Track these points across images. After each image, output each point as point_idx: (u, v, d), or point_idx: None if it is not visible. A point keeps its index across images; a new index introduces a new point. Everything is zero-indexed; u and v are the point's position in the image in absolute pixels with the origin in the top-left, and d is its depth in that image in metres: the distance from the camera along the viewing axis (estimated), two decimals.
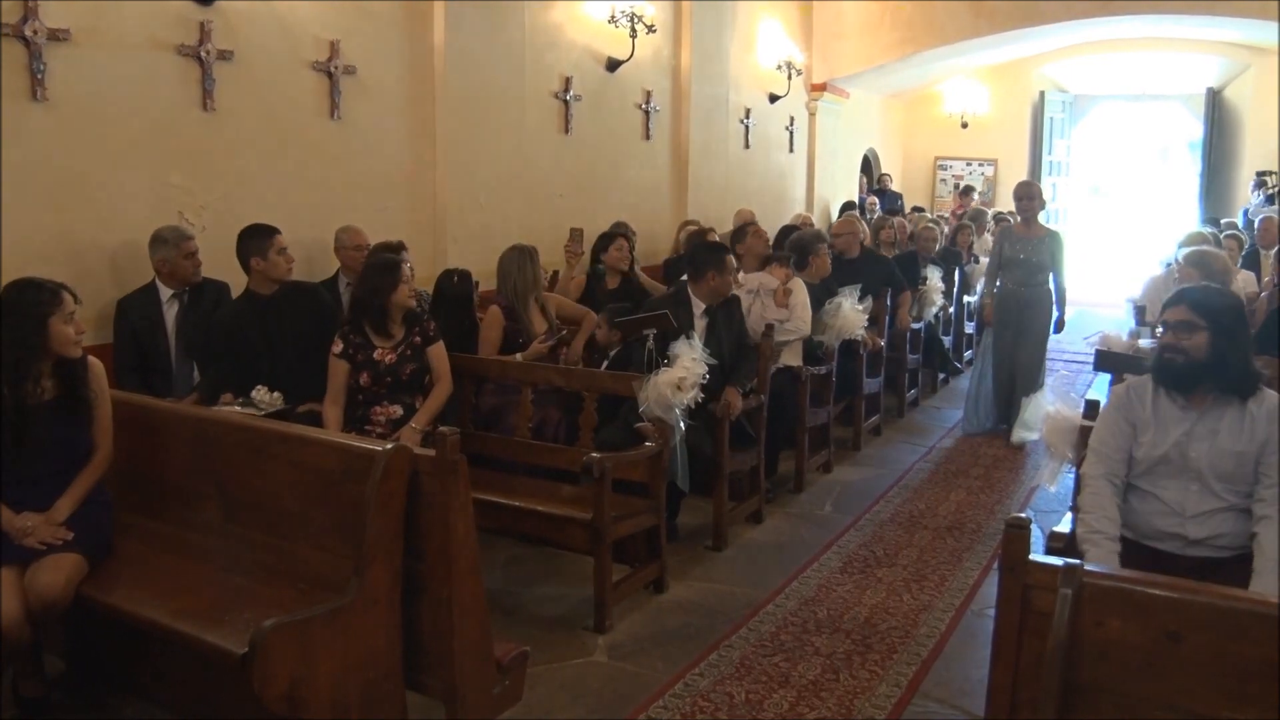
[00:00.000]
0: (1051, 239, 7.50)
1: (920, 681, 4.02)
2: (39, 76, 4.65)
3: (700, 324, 5.47)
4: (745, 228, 7.03)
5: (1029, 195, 7.47)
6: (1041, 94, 16.80)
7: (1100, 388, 7.56)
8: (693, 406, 4.79)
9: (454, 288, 5.80)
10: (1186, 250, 5.87)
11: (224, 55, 5.42)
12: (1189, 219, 16.33)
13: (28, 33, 4.59)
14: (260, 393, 4.63)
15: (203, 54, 5.33)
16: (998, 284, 7.65)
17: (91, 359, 3.71)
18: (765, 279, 6.45)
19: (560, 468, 4.98)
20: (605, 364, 5.74)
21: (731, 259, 5.66)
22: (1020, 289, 7.49)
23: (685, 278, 5.75)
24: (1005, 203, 16.16)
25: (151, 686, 3.63)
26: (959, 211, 14.08)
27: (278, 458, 3.55)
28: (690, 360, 4.76)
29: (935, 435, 7.96)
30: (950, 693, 3.95)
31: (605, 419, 5.08)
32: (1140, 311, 6.61)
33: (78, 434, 3.64)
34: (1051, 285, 7.51)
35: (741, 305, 5.87)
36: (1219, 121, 15.84)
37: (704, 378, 4.76)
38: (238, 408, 4.53)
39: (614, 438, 4.94)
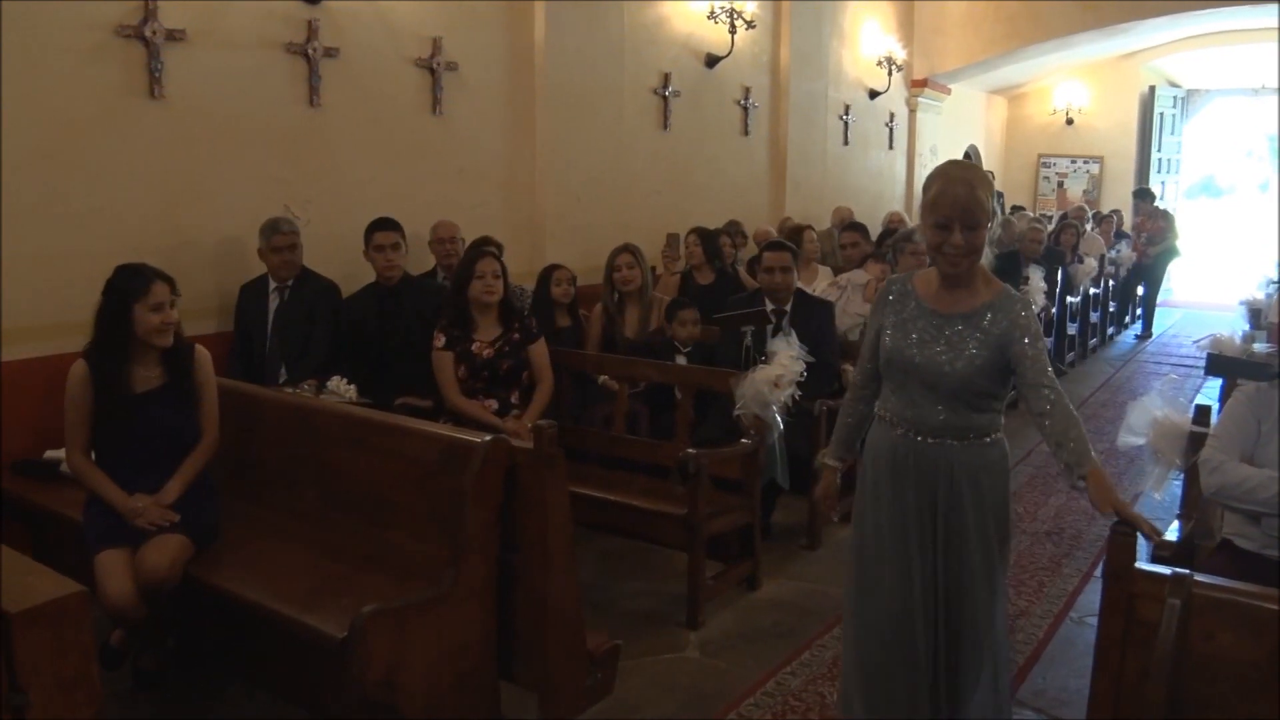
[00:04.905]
0: (1007, 309, 2.89)
1: (1017, 689, 3.93)
2: (157, 75, 4.81)
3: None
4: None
5: (969, 207, 2.75)
6: (1151, 89, 16.32)
7: (1211, 393, 7.31)
8: (790, 404, 4.74)
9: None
10: None
11: (330, 52, 5.54)
12: None
13: (147, 33, 4.74)
14: (336, 382, 4.72)
15: (310, 51, 5.45)
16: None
17: (199, 348, 3.81)
18: (856, 275, 6.51)
19: (657, 463, 4.98)
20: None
21: (773, 255, 5.47)
22: (926, 440, 2.97)
23: None
24: (1112, 201, 15.76)
25: (252, 668, 3.73)
26: (1064, 210, 13.76)
27: (378, 448, 3.61)
28: (788, 358, 4.71)
29: (1033, 437, 7.75)
30: (1047, 702, 3.86)
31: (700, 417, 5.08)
32: (1255, 314, 6.38)
33: (185, 420, 3.74)
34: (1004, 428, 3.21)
35: (834, 310, 5.79)
36: None
37: (802, 375, 4.71)
38: (311, 394, 4.63)
39: (712, 434, 4.92)
